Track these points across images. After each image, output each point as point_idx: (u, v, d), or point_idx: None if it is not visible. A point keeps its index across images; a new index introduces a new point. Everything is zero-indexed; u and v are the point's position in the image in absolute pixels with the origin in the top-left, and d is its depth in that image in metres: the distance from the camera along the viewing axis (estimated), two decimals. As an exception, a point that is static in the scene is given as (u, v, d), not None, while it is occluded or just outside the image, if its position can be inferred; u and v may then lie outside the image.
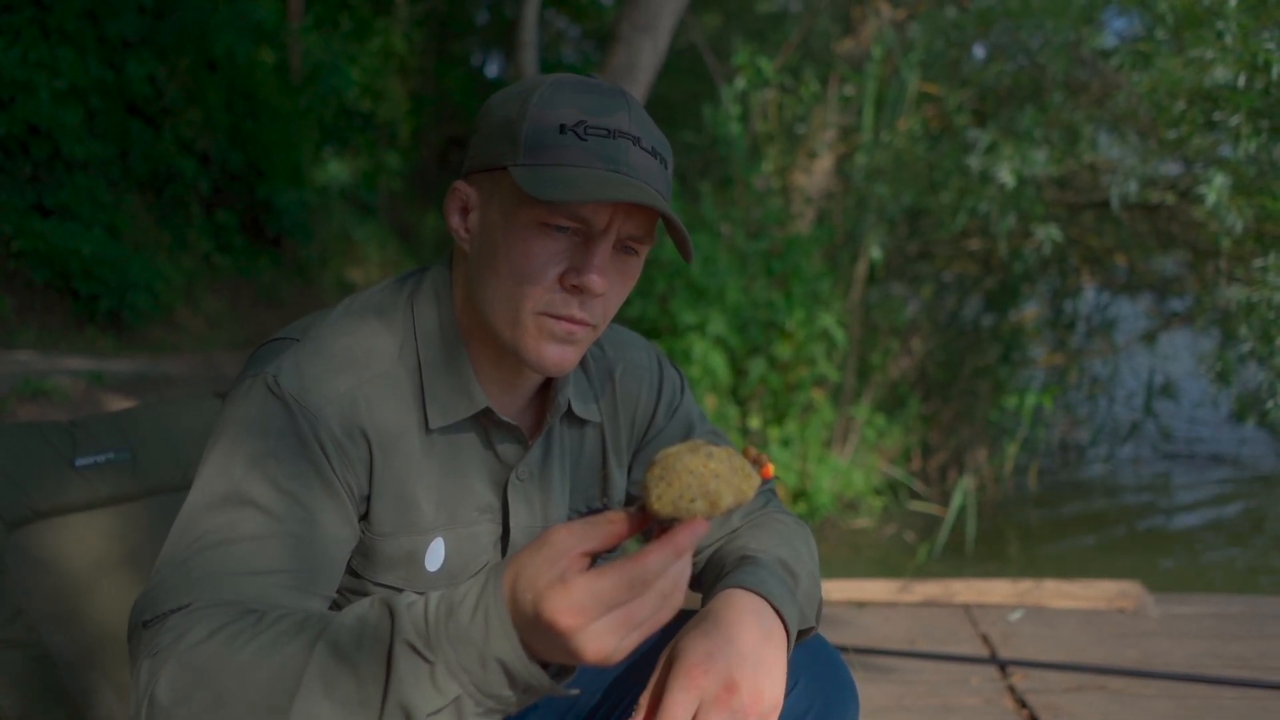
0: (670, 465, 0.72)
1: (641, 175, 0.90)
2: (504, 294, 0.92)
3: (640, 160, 0.90)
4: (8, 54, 5.43)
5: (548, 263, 0.90)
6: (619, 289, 0.95)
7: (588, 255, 0.90)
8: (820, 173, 5.87)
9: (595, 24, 12.32)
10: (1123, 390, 6.73)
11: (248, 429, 0.88)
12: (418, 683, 0.68)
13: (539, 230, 0.90)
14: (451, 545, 0.99)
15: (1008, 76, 5.34)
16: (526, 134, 0.89)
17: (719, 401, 4.82)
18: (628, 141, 0.90)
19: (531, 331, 0.92)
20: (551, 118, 0.89)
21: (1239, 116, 3.25)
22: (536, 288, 0.90)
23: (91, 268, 5.68)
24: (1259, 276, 3.31)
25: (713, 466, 0.72)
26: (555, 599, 0.65)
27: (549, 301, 0.90)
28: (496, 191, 0.93)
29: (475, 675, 0.68)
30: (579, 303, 0.91)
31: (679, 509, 0.71)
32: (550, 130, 0.89)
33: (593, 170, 0.88)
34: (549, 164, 0.88)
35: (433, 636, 0.69)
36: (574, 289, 0.90)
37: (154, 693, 0.72)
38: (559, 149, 0.88)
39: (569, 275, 0.90)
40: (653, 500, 0.72)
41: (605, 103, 0.91)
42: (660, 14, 4.99)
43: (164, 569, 0.81)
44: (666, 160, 0.94)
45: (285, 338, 0.97)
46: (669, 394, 1.16)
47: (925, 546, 4.76)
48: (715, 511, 0.72)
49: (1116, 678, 2.34)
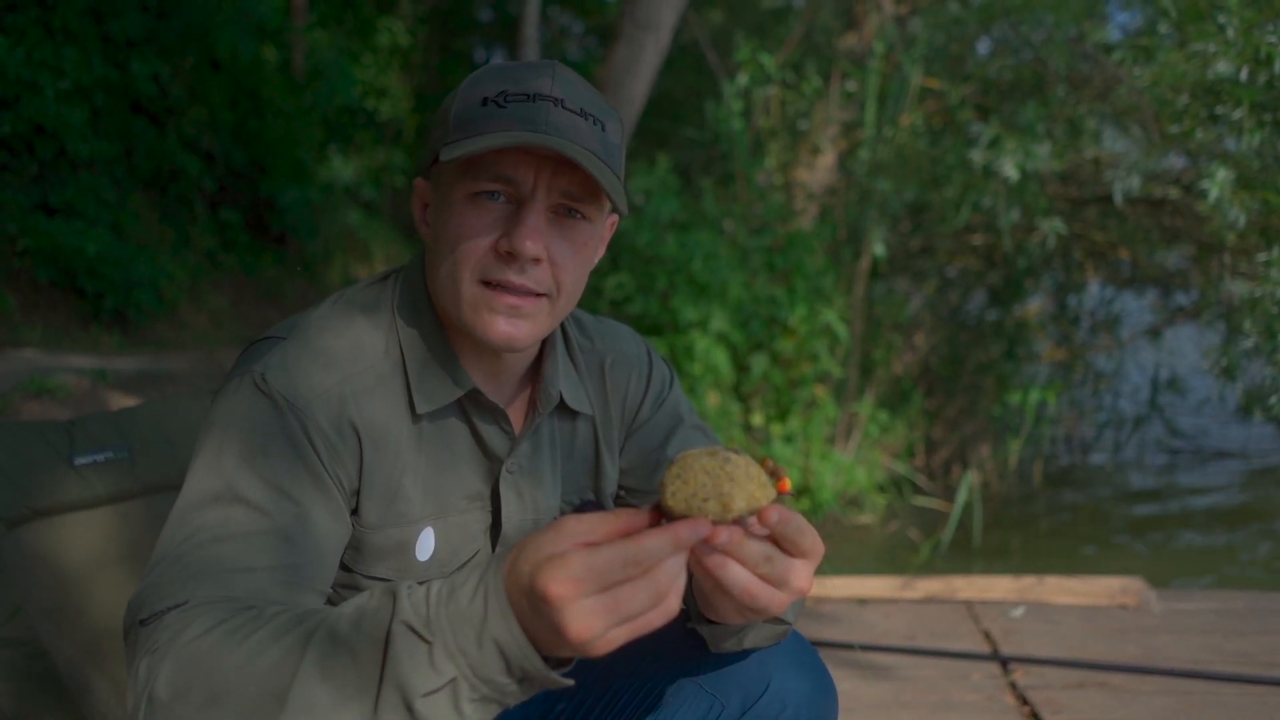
0: (688, 465, 0.73)
1: (564, 133, 0.90)
2: (447, 271, 0.94)
3: (562, 119, 0.91)
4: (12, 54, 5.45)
5: (481, 231, 0.91)
6: (569, 256, 0.95)
7: (519, 219, 0.91)
8: (823, 168, 5.86)
9: (598, 20, 12.31)
10: (1128, 385, 6.71)
11: (237, 426, 0.89)
12: (414, 663, 0.68)
13: (471, 202, 0.92)
14: (441, 534, 1.00)
15: (1010, 71, 5.32)
16: (454, 115, 0.92)
17: (721, 398, 4.81)
18: (548, 103, 0.91)
19: (475, 304, 0.93)
20: (475, 95, 0.92)
21: (1242, 110, 3.24)
22: (471, 257, 0.92)
23: (96, 266, 5.70)
24: (1262, 271, 3.30)
25: (729, 469, 0.73)
26: (550, 568, 0.65)
27: (485, 267, 0.92)
28: (439, 180, 0.96)
29: (471, 657, 0.68)
30: (517, 268, 0.91)
31: (691, 507, 0.72)
32: (474, 105, 0.92)
33: (509, 133, 0.89)
34: (470, 135, 0.90)
35: (432, 617, 0.69)
36: (508, 255, 0.91)
37: (153, 689, 0.73)
38: (480, 120, 0.90)
39: (502, 242, 0.91)
40: (667, 497, 0.73)
41: (528, 73, 0.93)
42: (663, 10, 4.99)
43: (159, 566, 0.82)
44: (603, 122, 0.94)
45: (272, 336, 0.98)
46: (657, 385, 1.16)
47: (929, 543, 4.75)
48: (727, 514, 0.72)
49: (1118, 674, 2.33)
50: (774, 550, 0.77)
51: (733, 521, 0.73)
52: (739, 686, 1.06)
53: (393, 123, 10.79)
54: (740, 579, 0.76)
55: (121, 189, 6.41)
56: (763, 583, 0.76)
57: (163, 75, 6.68)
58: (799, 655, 1.07)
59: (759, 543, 0.76)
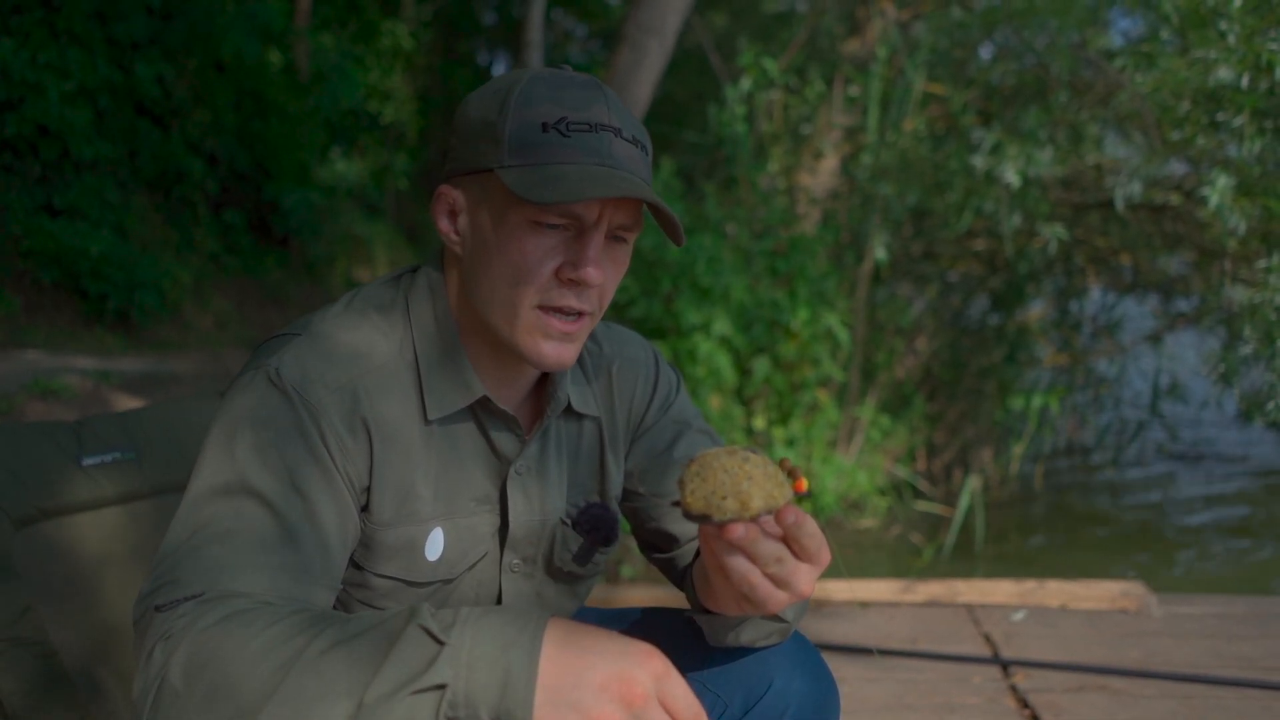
0: (707, 464, 0.75)
1: (626, 166, 0.92)
2: (502, 294, 0.94)
3: (623, 151, 0.92)
4: (17, 55, 5.47)
5: (543, 259, 0.92)
6: (613, 277, 0.98)
7: (582, 249, 0.92)
8: (825, 173, 5.87)
9: (602, 24, 12.33)
10: (1129, 390, 6.71)
11: (250, 420, 0.89)
12: (416, 658, 0.70)
13: (532, 229, 0.92)
14: (450, 535, 1.01)
15: (1013, 76, 5.33)
16: (510, 135, 0.91)
17: (723, 401, 4.82)
18: (610, 134, 0.92)
19: (531, 329, 0.94)
20: (532, 116, 0.91)
21: (1243, 117, 3.25)
22: (533, 285, 0.92)
23: (99, 267, 5.72)
24: (1262, 278, 3.30)
25: (747, 469, 0.74)
26: (651, 662, 0.70)
27: (547, 295, 0.93)
28: (485, 194, 0.95)
29: (476, 672, 0.69)
30: (576, 294, 0.93)
31: (710, 506, 0.73)
32: (533, 129, 0.91)
33: (580, 166, 0.89)
34: (536, 163, 0.90)
35: (459, 623, 0.71)
36: (570, 282, 0.92)
37: (166, 674, 0.74)
38: (545, 148, 0.90)
39: (565, 269, 0.92)
40: (686, 494, 0.74)
41: (583, 97, 0.93)
42: (667, 14, 4.99)
43: (173, 555, 0.82)
44: (646, 147, 0.97)
45: (287, 333, 0.99)
46: (664, 390, 1.17)
47: (931, 547, 4.76)
48: (745, 513, 0.74)
49: (1119, 678, 2.34)
50: (784, 551, 0.78)
51: (749, 520, 0.75)
52: (742, 685, 1.07)
53: (396, 125, 10.82)
54: (745, 572, 0.77)
55: (125, 191, 6.44)
56: (767, 580, 0.78)
57: (167, 77, 6.70)
58: (801, 656, 1.09)
59: (772, 542, 0.77)
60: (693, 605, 1.08)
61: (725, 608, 0.93)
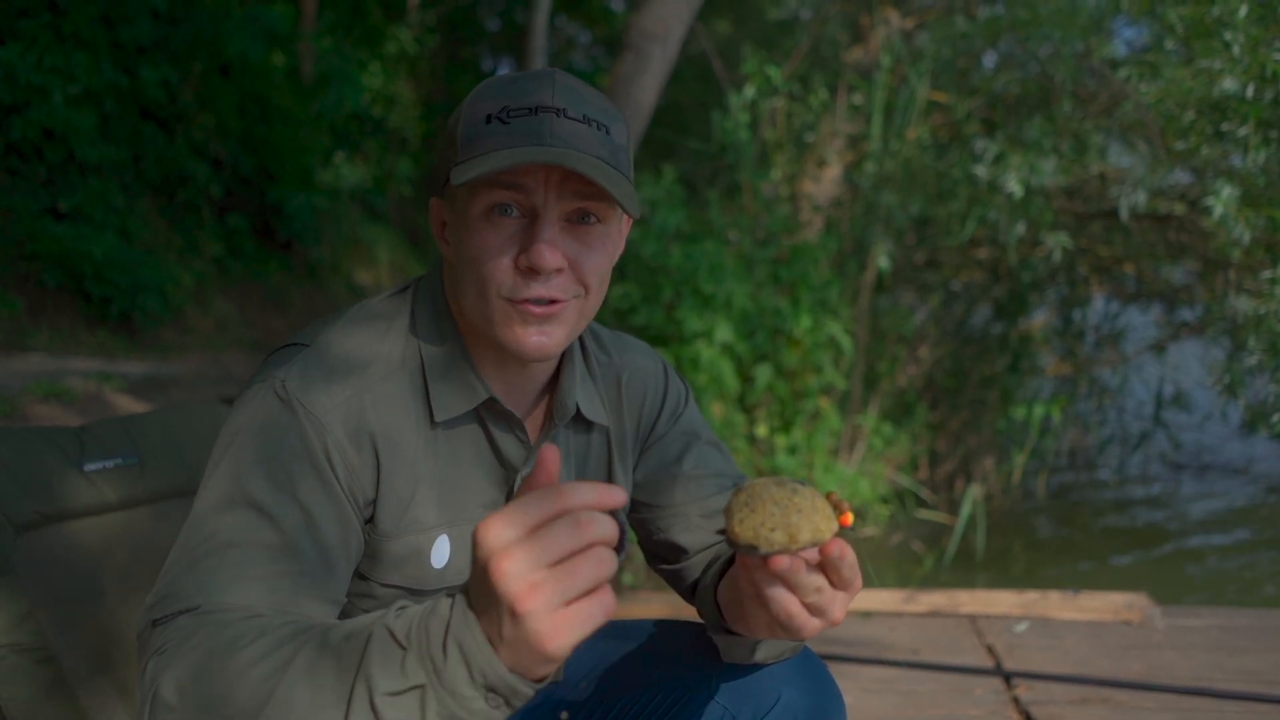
0: (757, 494, 0.75)
1: (569, 142, 0.91)
2: (474, 290, 0.95)
3: (566, 128, 0.91)
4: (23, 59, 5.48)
5: (500, 248, 0.92)
6: (588, 257, 0.95)
7: (533, 234, 0.92)
8: (828, 181, 5.87)
9: (605, 30, 12.35)
10: (1132, 400, 6.70)
11: (256, 434, 0.90)
12: (386, 663, 0.69)
13: (486, 219, 0.93)
14: (457, 542, 1.01)
15: (1016, 85, 5.33)
16: (461, 134, 0.94)
17: (725, 409, 4.81)
18: (550, 114, 0.91)
19: (506, 319, 0.94)
20: (479, 112, 0.93)
21: (1247, 127, 3.25)
22: (494, 276, 0.93)
23: (103, 270, 5.72)
24: (1267, 288, 3.30)
25: (797, 501, 0.74)
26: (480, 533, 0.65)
27: (510, 287, 0.93)
28: (453, 198, 0.97)
29: (439, 663, 0.68)
30: (540, 281, 0.92)
31: (758, 537, 0.74)
32: (478, 123, 0.93)
33: (515, 149, 0.90)
34: (477, 154, 0.91)
35: (414, 627, 0.70)
36: (529, 271, 0.92)
37: (158, 690, 0.74)
38: (487, 138, 0.91)
39: (520, 258, 0.92)
40: (735, 524, 0.74)
41: (530, 86, 0.93)
42: (671, 21, 4.99)
43: (175, 568, 0.83)
44: (606, 126, 0.95)
45: (296, 343, 1.00)
46: (673, 401, 1.17)
47: (932, 556, 4.75)
48: (792, 545, 0.74)
49: (1121, 690, 2.33)
50: (824, 581, 0.79)
51: (795, 553, 0.75)
52: (750, 699, 1.07)
53: (399, 130, 10.84)
54: (785, 602, 0.78)
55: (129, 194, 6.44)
56: (805, 610, 0.78)
57: (172, 81, 6.71)
58: (808, 668, 1.08)
59: (813, 574, 0.78)
60: (710, 622, 1.07)
61: (755, 631, 0.93)
